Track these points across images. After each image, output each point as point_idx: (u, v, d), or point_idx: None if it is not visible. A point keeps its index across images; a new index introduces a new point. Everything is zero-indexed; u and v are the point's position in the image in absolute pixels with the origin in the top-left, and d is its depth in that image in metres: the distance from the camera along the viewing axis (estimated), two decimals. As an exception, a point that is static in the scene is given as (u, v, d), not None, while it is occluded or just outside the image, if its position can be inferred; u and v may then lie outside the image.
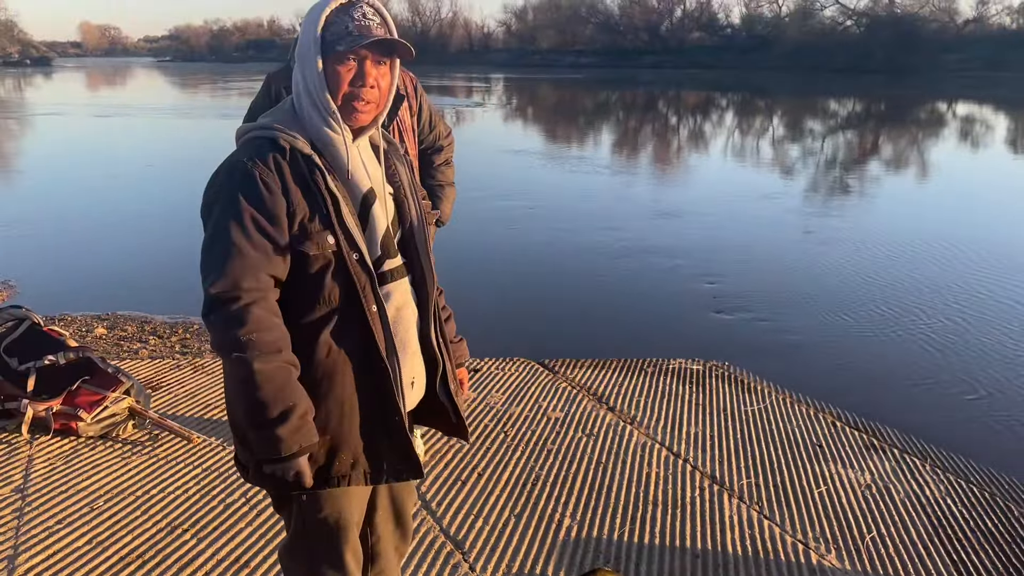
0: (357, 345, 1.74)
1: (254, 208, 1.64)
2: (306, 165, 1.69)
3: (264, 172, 1.66)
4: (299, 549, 1.92)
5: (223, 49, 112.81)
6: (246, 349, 1.62)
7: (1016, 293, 7.13)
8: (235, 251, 1.64)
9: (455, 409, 1.97)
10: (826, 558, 3.01)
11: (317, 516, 1.85)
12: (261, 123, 1.76)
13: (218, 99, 37.20)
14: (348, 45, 1.67)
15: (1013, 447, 4.37)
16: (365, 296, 1.72)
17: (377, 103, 1.76)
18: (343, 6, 1.72)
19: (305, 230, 1.67)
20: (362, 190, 1.77)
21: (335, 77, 1.70)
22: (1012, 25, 65.74)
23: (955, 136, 22.71)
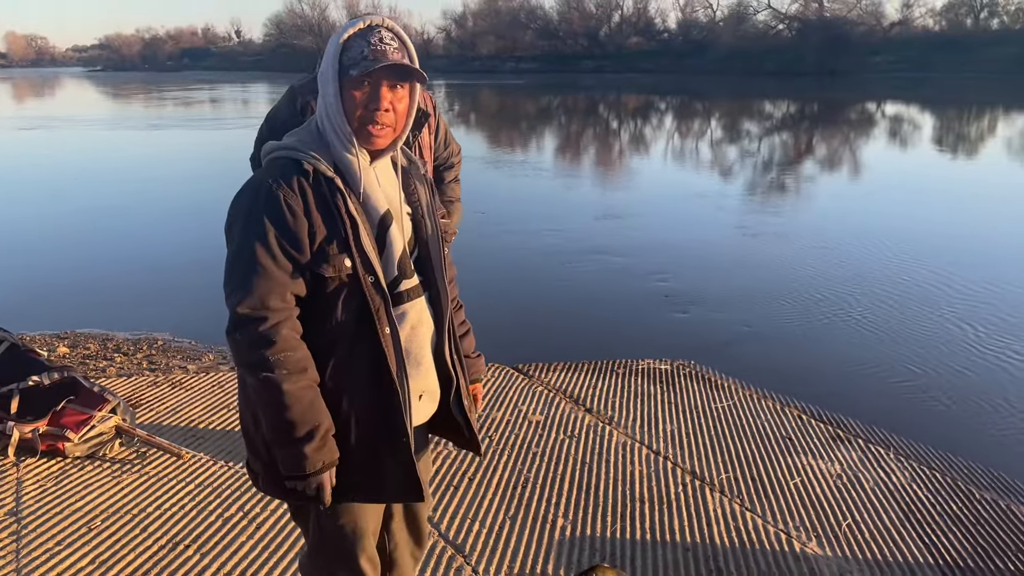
0: (368, 366, 1.78)
1: (278, 229, 1.69)
2: (328, 188, 1.73)
3: (288, 194, 1.70)
4: (318, 557, 1.98)
5: (156, 58, 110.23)
6: (275, 369, 1.68)
7: (960, 284, 7.46)
8: (260, 270, 1.69)
9: (468, 425, 2.02)
10: (808, 545, 3.17)
11: (334, 525, 1.90)
12: (287, 143, 1.80)
13: (152, 109, 36.45)
14: (361, 70, 1.71)
15: (969, 433, 4.61)
16: (379, 318, 1.76)
17: (394, 127, 1.79)
18: (361, 31, 1.76)
19: (324, 252, 1.72)
20: (379, 212, 1.81)
21: (351, 101, 1.75)
22: (935, 27, 68.20)
23: (884, 135, 23.51)
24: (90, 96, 51.67)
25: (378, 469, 1.83)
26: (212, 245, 8.90)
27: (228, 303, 1.72)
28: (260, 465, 1.85)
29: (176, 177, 15.19)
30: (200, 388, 4.55)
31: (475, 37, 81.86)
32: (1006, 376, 5.40)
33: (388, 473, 1.83)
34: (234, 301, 1.71)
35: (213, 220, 9.10)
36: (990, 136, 23.66)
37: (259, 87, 57.23)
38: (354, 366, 1.77)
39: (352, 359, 1.77)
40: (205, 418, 4.10)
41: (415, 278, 1.88)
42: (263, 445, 1.81)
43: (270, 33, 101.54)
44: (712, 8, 76.21)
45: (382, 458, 1.82)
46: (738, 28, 70.20)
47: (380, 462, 1.82)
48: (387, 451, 1.81)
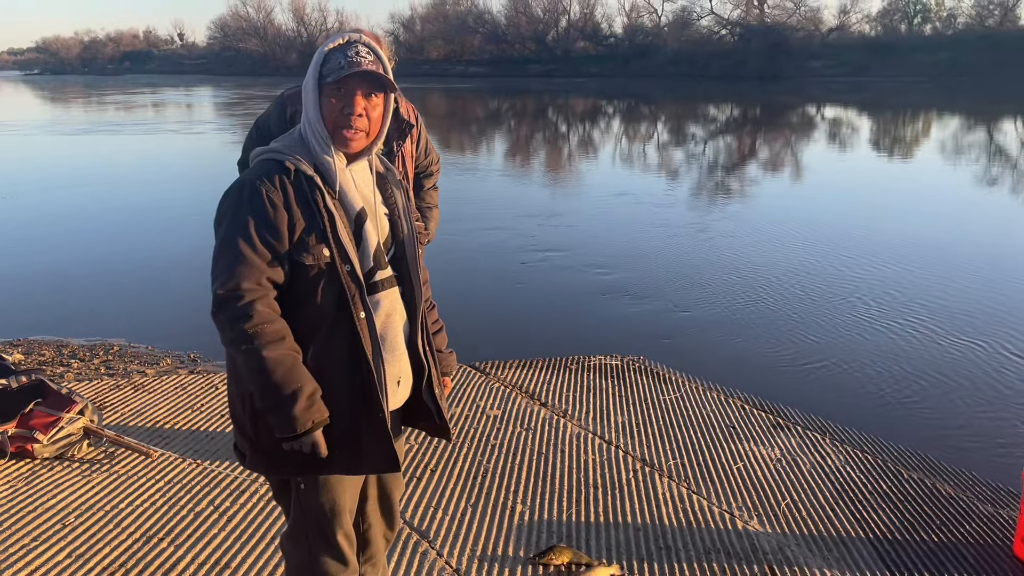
0: (345, 348, 1.95)
1: (258, 221, 1.87)
2: (308, 185, 1.92)
3: (270, 190, 1.88)
4: (298, 534, 2.13)
5: (96, 61, 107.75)
6: (254, 340, 1.84)
7: (890, 278, 7.84)
8: (240, 258, 1.86)
9: (439, 411, 2.20)
10: (750, 524, 3.40)
11: (315, 502, 2.06)
12: (273, 147, 1.98)
13: (93, 114, 35.75)
14: (335, 76, 1.91)
15: (898, 418, 4.92)
16: (354, 304, 1.94)
17: (367, 131, 1.98)
18: (341, 45, 1.95)
19: (304, 243, 1.90)
20: (355, 208, 2.00)
21: (328, 107, 1.94)
22: (871, 32, 70.22)
23: (824, 137, 24.25)
24: (27, 100, 50.38)
25: (356, 443, 1.99)
26: (163, 251, 8.93)
27: (212, 287, 1.89)
28: (247, 444, 2.02)
29: (124, 183, 15.02)
30: (163, 390, 4.63)
31: (423, 41, 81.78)
32: (934, 365, 5.73)
33: (365, 447, 2.00)
34: (216, 285, 1.88)
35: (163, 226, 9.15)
36: (924, 138, 24.56)
37: (203, 91, 56.43)
38: (333, 348, 1.94)
39: (331, 341, 1.94)
40: (170, 419, 4.19)
41: (389, 270, 2.06)
42: (250, 424, 1.97)
43: (214, 36, 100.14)
44: (657, 13, 77.41)
45: (360, 433, 1.99)
46: (682, 33, 71.40)
47: (358, 436, 1.99)
48: (365, 426, 1.98)
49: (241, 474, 3.57)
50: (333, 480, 2.03)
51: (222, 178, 2.31)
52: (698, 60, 65.80)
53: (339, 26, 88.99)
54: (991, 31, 60.38)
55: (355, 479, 2.11)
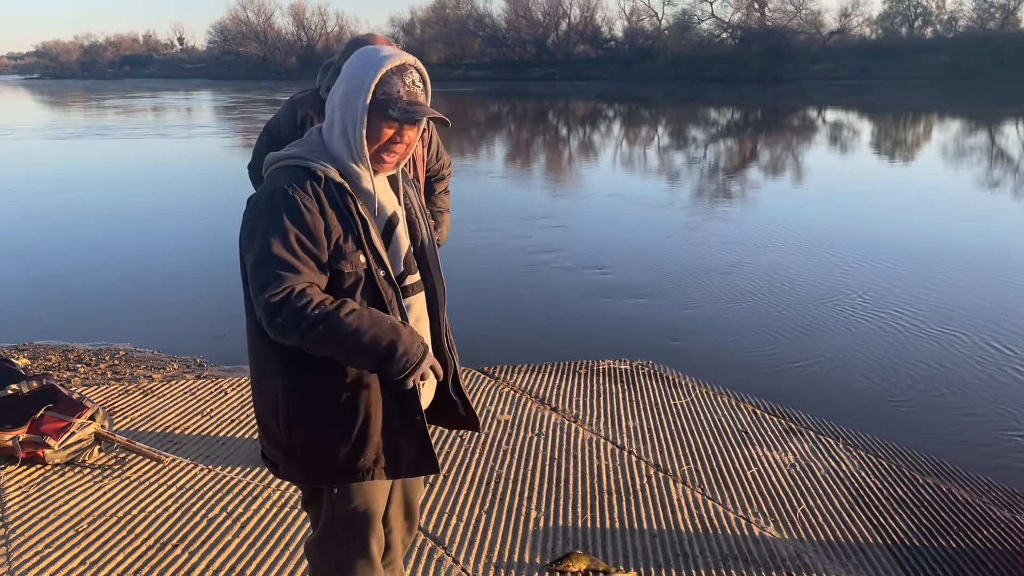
0: None
1: (298, 228, 1.80)
2: (338, 192, 1.88)
3: (304, 196, 1.83)
4: (329, 540, 2.10)
5: (96, 65, 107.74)
6: (325, 315, 1.77)
7: (903, 281, 7.82)
8: (285, 265, 1.78)
9: (465, 402, 2.20)
10: (766, 530, 3.37)
11: (347, 508, 2.04)
12: (295, 153, 1.93)
13: (93, 118, 35.77)
14: (400, 114, 1.87)
15: (913, 423, 4.89)
16: (391, 309, 1.92)
17: (403, 155, 1.98)
18: (397, 68, 1.90)
19: (340, 250, 1.87)
20: (387, 214, 2.00)
21: (377, 132, 1.90)
22: (872, 36, 70.22)
23: (826, 140, 24.24)
24: (27, 104, 50.43)
25: (395, 447, 1.99)
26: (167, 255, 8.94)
27: (259, 301, 1.78)
28: (279, 454, 1.99)
29: (127, 187, 15.01)
30: (172, 395, 4.61)
31: (424, 45, 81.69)
32: (948, 369, 5.71)
33: (403, 450, 2.00)
34: (266, 295, 1.77)
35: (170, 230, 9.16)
36: (926, 141, 24.55)
37: (203, 95, 56.47)
38: None
39: None
40: (180, 424, 4.17)
41: (418, 274, 2.07)
42: (285, 434, 1.94)
43: (214, 40, 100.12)
44: (657, 17, 77.31)
45: (398, 437, 1.98)
46: (683, 36, 71.37)
47: (396, 441, 1.98)
48: (403, 430, 1.98)
49: (253, 480, 3.55)
50: (367, 485, 2.02)
51: (225, 181, 2.29)
52: (699, 63, 65.76)
53: (339, 30, 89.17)
54: (992, 34, 60.35)
55: (385, 483, 2.10)
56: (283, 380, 1.91)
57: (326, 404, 1.92)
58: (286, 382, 1.91)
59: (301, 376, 1.91)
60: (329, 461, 1.93)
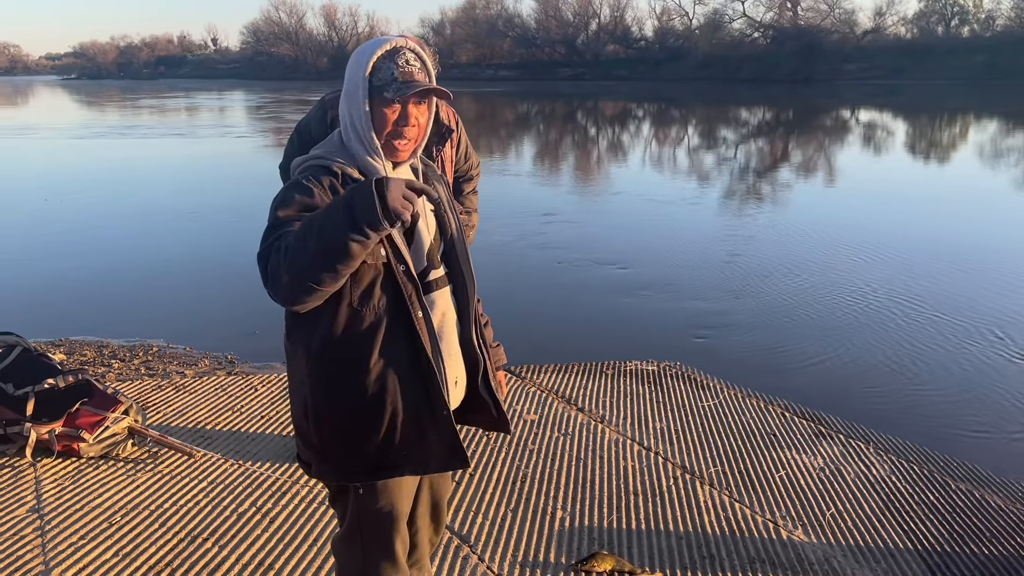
0: (405, 348, 1.94)
1: (307, 203, 1.80)
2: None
3: (315, 185, 1.85)
4: (354, 538, 2.11)
5: (132, 66, 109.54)
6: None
7: (935, 285, 7.71)
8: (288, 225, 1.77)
9: (496, 404, 2.18)
10: (794, 533, 3.35)
11: (373, 507, 2.05)
12: (315, 154, 1.96)
13: (128, 118, 36.30)
14: (395, 93, 1.88)
15: (945, 427, 4.82)
16: (412, 304, 1.92)
17: (415, 139, 1.97)
18: (388, 52, 1.92)
19: None
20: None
21: (381, 118, 1.91)
22: (907, 35, 69.33)
23: (859, 141, 23.94)
24: (64, 104, 51.33)
25: (423, 443, 1.98)
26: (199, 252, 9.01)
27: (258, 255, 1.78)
28: (312, 454, 2.01)
29: (161, 185, 15.23)
30: (204, 391, 4.67)
31: (453, 45, 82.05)
32: (980, 373, 5.62)
33: (432, 446, 2.00)
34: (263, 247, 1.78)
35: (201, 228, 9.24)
36: (962, 142, 24.17)
37: (236, 95, 57.09)
38: (393, 348, 1.92)
39: (391, 342, 1.92)
40: (212, 419, 4.23)
41: (442, 269, 2.06)
42: (315, 434, 1.96)
43: (247, 41, 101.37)
44: (688, 16, 77.06)
45: (426, 433, 1.98)
46: (714, 36, 70.96)
47: (424, 436, 1.98)
48: (429, 425, 1.98)
49: (283, 476, 3.59)
50: (392, 484, 2.03)
51: (258, 180, 2.31)
52: (730, 63, 65.35)
53: (369, 31, 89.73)
54: (1030, 33, 59.31)
55: (412, 481, 2.11)
56: (310, 379, 1.94)
57: (352, 402, 1.93)
58: (313, 381, 1.94)
59: (327, 375, 1.93)
60: (358, 459, 1.95)
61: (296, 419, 2.03)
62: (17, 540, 3.01)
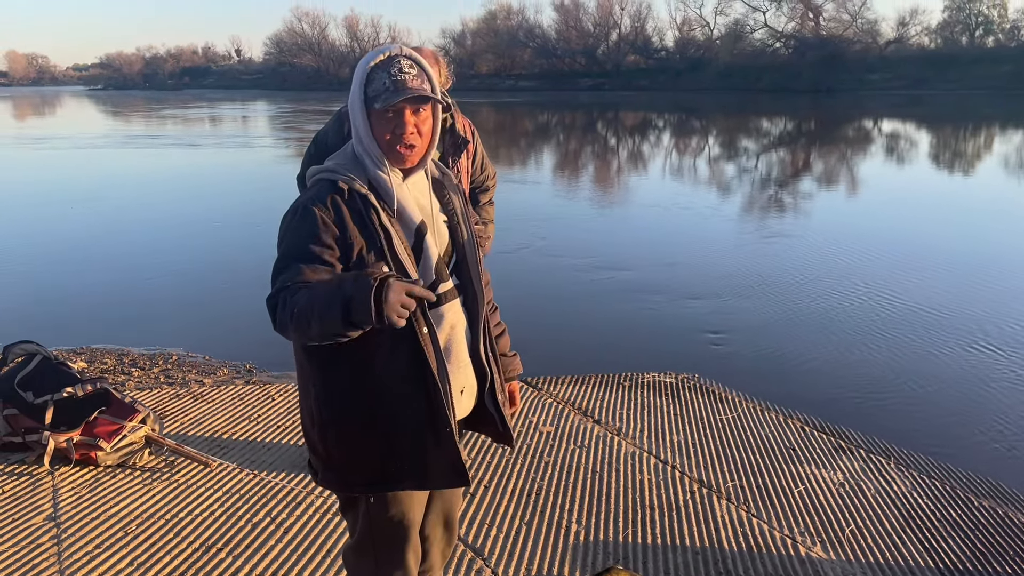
0: (410, 363, 1.94)
1: (314, 240, 1.86)
2: (362, 204, 1.91)
3: (322, 210, 1.88)
4: (365, 548, 2.12)
5: (157, 77, 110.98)
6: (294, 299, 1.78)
7: (959, 300, 7.61)
8: (296, 273, 1.83)
9: (502, 418, 2.18)
10: (813, 550, 3.30)
11: (383, 517, 2.05)
12: (327, 166, 1.99)
13: (153, 127, 36.72)
14: (383, 102, 1.89)
15: (967, 443, 4.75)
16: (417, 320, 1.92)
17: (421, 146, 1.97)
18: (382, 62, 1.93)
19: (363, 261, 1.89)
20: (415, 223, 1.99)
21: (379, 128, 1.93)
22: (931, 45, 68.82)
23: (883, 152, 23.74)
24: (90, 114, 52.02)
25: (424, 458, 1.98)
26: (219, 262, 9.06)
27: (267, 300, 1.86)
28: (318, 462, 2.02)
29: (181, 195, 15.37)
30: (221, 400, 4.69)
31: (474, 56, 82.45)
32: (1003, 389, 5.54)
33: (433, 462, 1.99)
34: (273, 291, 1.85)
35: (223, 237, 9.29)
36: (987, 152, 23.90)
37: (259, 106, 57.62)
38: (397, 364, 1.93)
39: (395, 357, 1.93)
40: (228, 429, 4.24)
41: (450, 281, 2.05)
42: (320, 442, 1.98)
43: (270, 52, 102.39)
44: (709, 26, 76.93)
45: (428, 448, 1.98)
46: (735, 46, 70.82)
47: (426, 452, 1.98)
48: (431, 441, 1.97)
49: (298, 486, 3.59)
50: (402, 495, 2.03)
51: (278, 191, 2.34)
52: (751, 73, 65.21)
53: (391, 42, 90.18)
54: (1057, 43, 58.73)
55: (422, 494, 2.11)
56: (316, 389, 1.96)
57: (356, 414, 1.94)
58: (319, 391, 1.96)
59: (332, 386, 1.94)
60: (360, 470, 1.96)
61: (304, 426, 2.05)
62: (34, 548, 3.03)
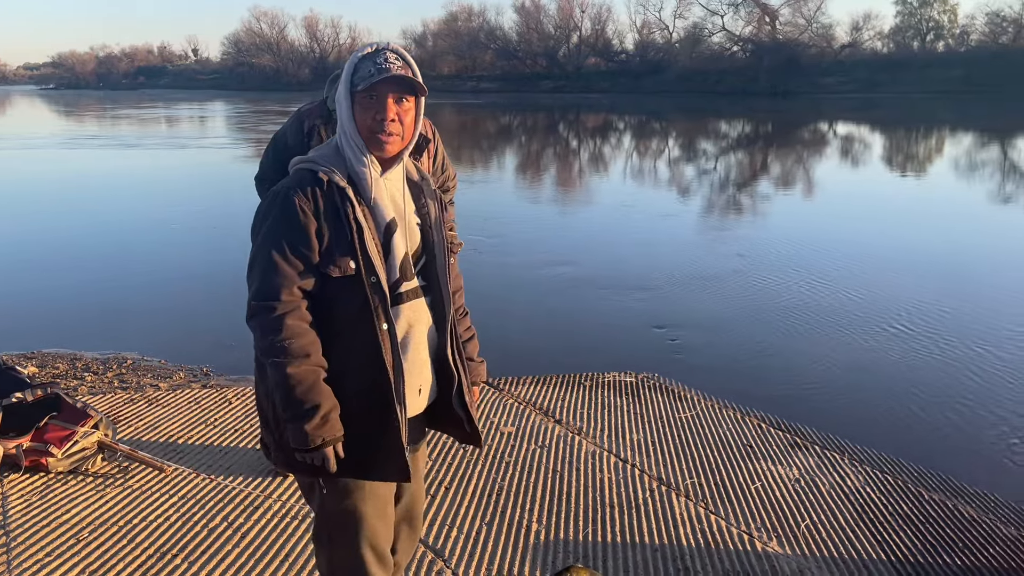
0: (366, 356, 1.97)
1: (290, 230, 1.91)
2: (339, 196, 1.95)
3: (302, 200, 1.93)
4: (321, 535, 2.16)
5: (111, 76, 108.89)
6: (281, 354, 1.89)
7: (910, 295, 7.77)
8: (273, 267, 1.91)
9: (470, 419, 2.20)
10: (769, 545, 3.35)
11: (337, 506, 2.08)
12: (309, 157, 2.03)
13: (106, 128, 36.05)
14: (366, 84, 1.94)
15: (918, 439, 4.85)
16: (377, 315, 1.96)
17: (402, 135, 2.01)
18: (370, 54, 1.99)
19: (331, 253, 1.93)
20: (386, 219, 2.02)
21: (360, 114, 1.97)
22: (883, 49, 70.21)
23: (837, 155, 24.16)
24: (41, 114, 50.89)
25: (369, 450, 2.01)
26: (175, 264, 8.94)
27: (249, 296, 1.95)
28: (271, 439, 2.06)
29: (135, 197, 15.11)
30: (176, 404, 4.62)
31: (435, 57, 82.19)
32: (955, 385, 5.66)
33: (378, 455, 2.02)
34: (251, 294, 1.94)
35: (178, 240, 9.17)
36: (937, 155, 24.46)
37: (216, 106, 56.85)
38: (354, 354, 1.97)
39: (353, 348, 1.97)
40: (184, 433, 4.18)
41: (415, 281, 2.08)
42: (273, 421, 2.01)
43: (228, 52, 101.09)
44: (668, 30, 77.60)
45: (374, 440, 2.00)
46: (694, 49, 71.58)
47: (372, 444, 2.01)
48: (379, 434, 2.00)
49: (256, 490, 3.55)
50: (353, 486, 2.05)
51: (234, 193, 2.32)
52: (709, 76, 65.99)
53: (351, 42, 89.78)
54: (1005, 48, 60.29)
55: (382, 488, 2.11)
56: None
57: None
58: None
59: None
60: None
61: (259, 403, 2.07)
62: (-18, 557, 2.95)
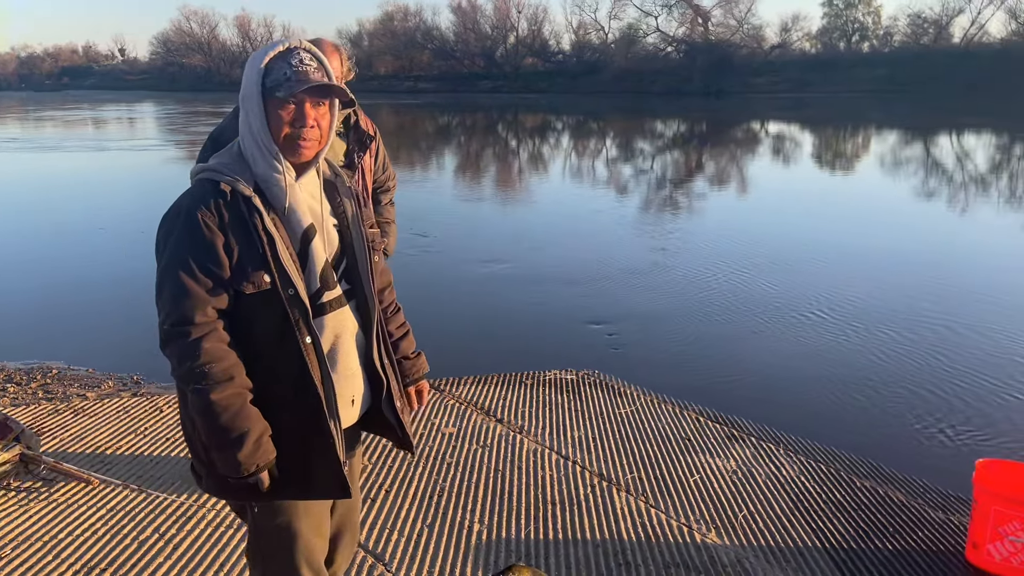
0: (292, 372, 1.87)
1: (196, 249, 1.79)
2: (246, 207, 1.83)
3: (206, 215, 1.80)
4: (255, 554, 2.06)
5: (33, 77, 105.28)
6: (201, 380, 1.77)
7: (838, 289, 7.97)
8: (182, 289, 1.78)
9: (400, 425, 2.13)
10: (708, 536, 3.39)
11: (270, 524, 1.99)
12: (209, 165, 1.89)
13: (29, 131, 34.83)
14: (287, 91, 1.82)
15: (850, 428, 4.97)
16: (299, 329, 1.85)
17: (319, 140, 1.90)
18: (281, 53, 1.86)
19: (243, 268, 1.81)
20: (302, 227, 1.91)
21: (276, 120, 1.84)
22: (812, 50, 72.03)
23: (769, 153, 24.68)
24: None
25: (306, 468, 1.92)
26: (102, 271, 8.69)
27: (158, 321, 1.82)
28: (202, 467, 1.94)
29: (60, 202, 14.62)
30: (104, 414, 4.47)
31: (372, 56, 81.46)
32: (883, 374, 5.83)
33: (316, 472, 1.93)
34: (161, 319, 1.81)
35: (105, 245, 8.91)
36: (864, 152, 25.18)
37: (145, 107, 55.41)
38: (279, 372, 1.87)
39: (277, 366, 1.86)
40: (112, 444, 4.04)
41: (338, 288, 1.98)
42: (202, 448, 1.89)
43: (156, 52, 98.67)
44: (604, 31, 78.35)
45: (310, 458, 1.92)
46: (629, 50, 72.45)
47: (308, 462, 1.92)
48: (315, 452, 1.91)
49: (188, 500, 3.45)
50: (287, 503, 1.96)
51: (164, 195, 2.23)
52: (645, 76, 66.87)
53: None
54: (926, 49, 62.47)
55: (316, 504, 2.03)
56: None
57: None
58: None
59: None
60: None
61: (186, 431, 1.96)
62: None
